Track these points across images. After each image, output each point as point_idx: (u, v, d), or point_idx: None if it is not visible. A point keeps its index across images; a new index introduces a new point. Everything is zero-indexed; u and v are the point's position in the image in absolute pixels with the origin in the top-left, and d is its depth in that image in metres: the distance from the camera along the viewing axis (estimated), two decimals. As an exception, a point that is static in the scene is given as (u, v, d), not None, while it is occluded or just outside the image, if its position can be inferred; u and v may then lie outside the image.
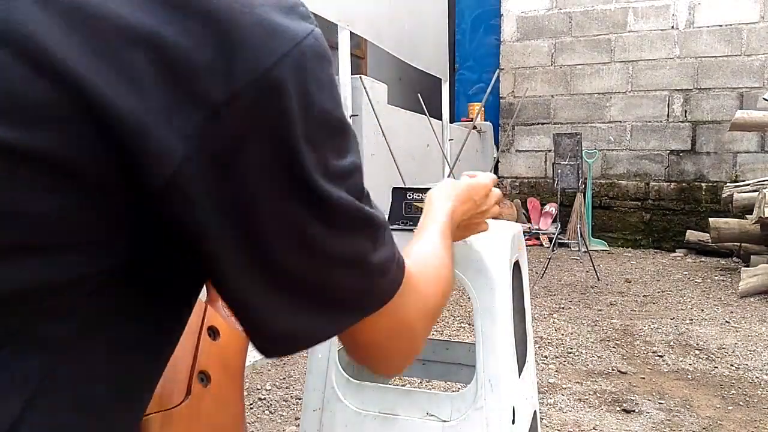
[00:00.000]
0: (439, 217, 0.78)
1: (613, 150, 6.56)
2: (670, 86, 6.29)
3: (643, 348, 3.03)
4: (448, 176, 1.23)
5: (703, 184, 6.23)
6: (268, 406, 2.33)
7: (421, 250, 0.68)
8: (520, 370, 1.16)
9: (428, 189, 1.14)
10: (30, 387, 0.36)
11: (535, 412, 1.31)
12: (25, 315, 0.36)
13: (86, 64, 0.34)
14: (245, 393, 1.61)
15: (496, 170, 6.92)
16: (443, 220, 0.77)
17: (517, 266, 1.23)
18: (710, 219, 5.10)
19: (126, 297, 0.40)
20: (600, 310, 3.75)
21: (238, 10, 0.36)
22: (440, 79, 5.39)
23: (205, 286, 0.49)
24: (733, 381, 2.59)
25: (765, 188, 4.30)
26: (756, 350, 2.98)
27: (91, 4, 0.35)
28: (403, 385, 1.74)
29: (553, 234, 5.16)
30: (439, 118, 5.37)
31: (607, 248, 6.19)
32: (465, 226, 0.88)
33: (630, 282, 4.61)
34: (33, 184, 0.34)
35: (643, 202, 6.46)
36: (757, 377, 2.63)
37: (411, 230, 1.13)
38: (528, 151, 6.93)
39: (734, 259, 5.41)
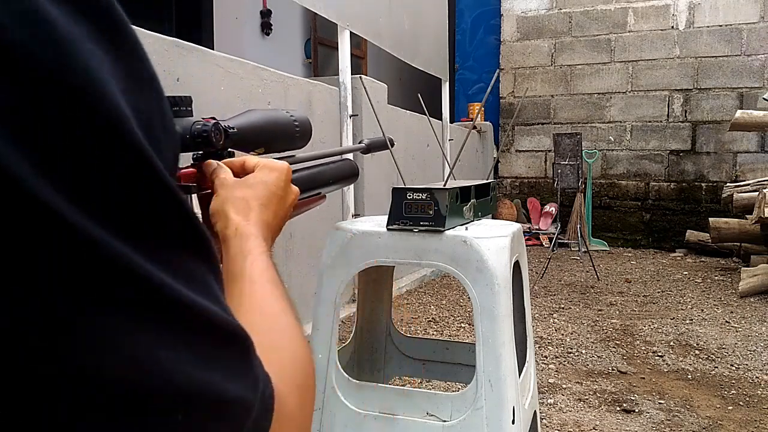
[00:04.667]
0: (253, 246, 0.57)
1: (613, 150, 6.56)
2: (670, 86, 6.30)
3: (643, 348, 3.03)
4: (449, 176, 1.22)
5: (703, 184, 6.23)
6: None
7: (259, 325, 0.45)
8: (520, 370, 1.16)
9: (428, 189, 1.14)
10: None
11: (535, 412, 1.31)
12: None
13: None
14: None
15: (496, 170, 6.92)
16: (261, 249, 0.57)
17: (517, 266, 1.23)
18: (710, 219, 5.10)
19: None
20: (600, 310, 3.75)
21: None
22: (440, 79, 5.38)
23: None
24: (733, 381, 2.59)
25: (765, 188, 4.30)
26: (756, 350, 2.98)
27: None
28: (403, 385, 1.74)
29: (553, 234, 5.16)
30: (439, 118, 5.37)
31: (607, 248, 6.19)
32: (277, 228, 0.67)
33: (630, 282, 4.61)
34: None
35: (643, 202, 6.46)
36: (757, 377, 2.63)
37: (411, 230, 1.13)
38: (528, 151, 6.93)
39: (734, 259, 5.41)
